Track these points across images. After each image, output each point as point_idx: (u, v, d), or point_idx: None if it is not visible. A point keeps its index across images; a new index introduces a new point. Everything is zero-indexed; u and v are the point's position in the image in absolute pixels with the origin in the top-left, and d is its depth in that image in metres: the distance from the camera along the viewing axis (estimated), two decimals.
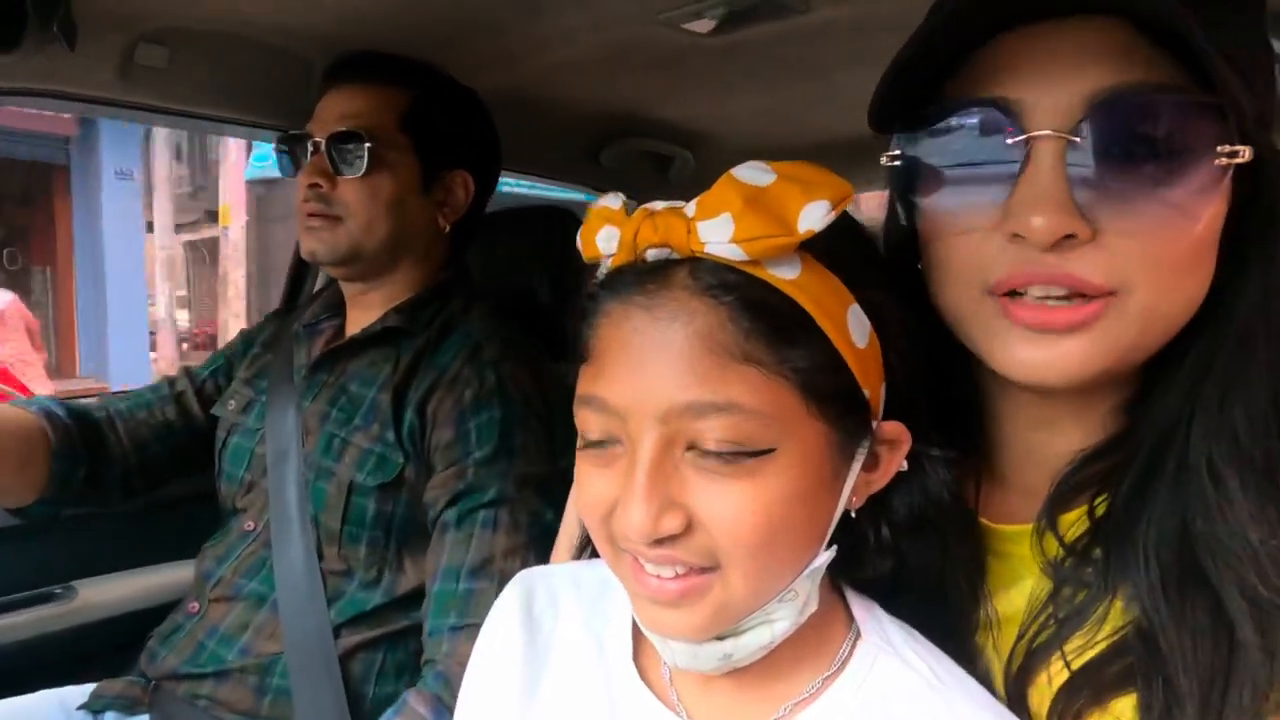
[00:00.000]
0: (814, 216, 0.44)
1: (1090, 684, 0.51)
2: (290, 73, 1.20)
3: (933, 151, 0.54)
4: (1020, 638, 0.55)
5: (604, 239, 0.49)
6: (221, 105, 1.25)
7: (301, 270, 1.60)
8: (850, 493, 0.50)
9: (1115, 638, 0.51)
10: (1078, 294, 0.49)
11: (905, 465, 0.52)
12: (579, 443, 0.50)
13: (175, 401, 1.27)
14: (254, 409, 1.20)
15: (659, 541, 0.45)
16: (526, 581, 0.62)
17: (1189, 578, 0.50)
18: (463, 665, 0.91)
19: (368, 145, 1.09)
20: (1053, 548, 0.55)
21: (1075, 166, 0.48)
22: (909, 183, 0.56)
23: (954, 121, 0.52)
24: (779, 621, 0.49)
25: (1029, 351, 0.51)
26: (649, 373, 0.45)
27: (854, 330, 0.47)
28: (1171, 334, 0.52)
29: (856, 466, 0.49)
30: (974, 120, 0.51)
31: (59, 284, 8.73)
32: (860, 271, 0.49)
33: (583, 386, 0.49)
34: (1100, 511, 0.54)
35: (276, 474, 1.11)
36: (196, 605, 1.14)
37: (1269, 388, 0.51)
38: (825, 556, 0.49)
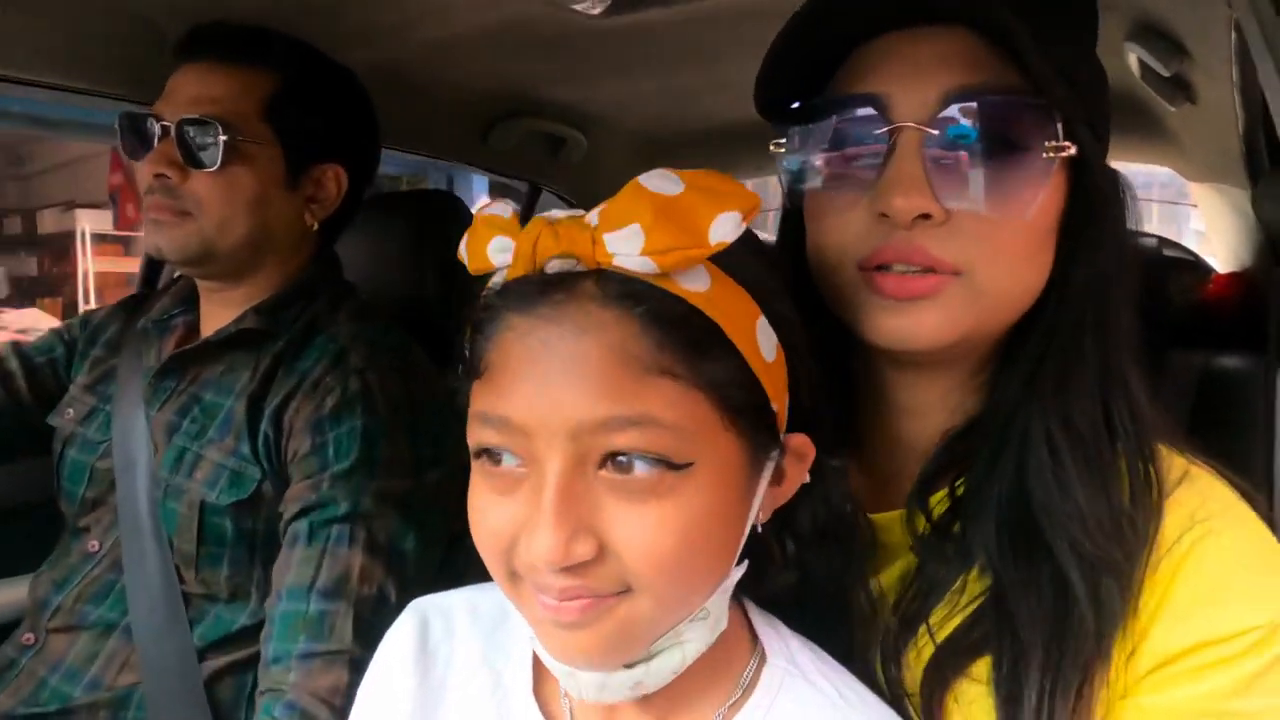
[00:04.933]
0: (725, 228, 0.43)
1: (953, 653, 0.55)
2: (135, 36, 1.06)
3: (815, 140, 0.60)
4: (893, 611, 0.58)
5: (496, 250, 0.46)
6: (53, 69, 1.08)
7: (155, 262, 1.45)
8: (758, 508, 0.49)
9: (973, 605, 0.56)
10: (930, 269, 0.55)
11: (807, 478, 0.52)
12: (474, 456, 0.46)
13: (3, 384, 1.13)
14: (96, 419, 1.07)
15: (567, 570, 0.43)
16: (421, 610, 0.59)
17: (1031, 541, 0.55)
18: (316, 697, 0.85)
19: (223, 137, 0.95)
20: (921, 527, 0.59)
21: (931, 154, 0.55)
22: (795, 168, 0.62)
23: (832, 113, 0.59)
24: (690, 643, 0.47)
25: (893, 320, 0.57)
26: (558, 388, 0.42)
27: (763, 344, 0.47)
28: (1015, 316, 0.59)
29: (765, 480, 0.49)
30: (849, 112, 0.58)
31: None
32: (765, 284, 0.48)
33: (481, 404, 0.46)
34: (960, 490, 0.59)
35: (125, 488, 0.99)
36: (32, 637, 1.01)
37: (1097, 372, 0.57)
38: (736, 573, 0.49)
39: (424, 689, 0.55)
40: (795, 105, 0.60)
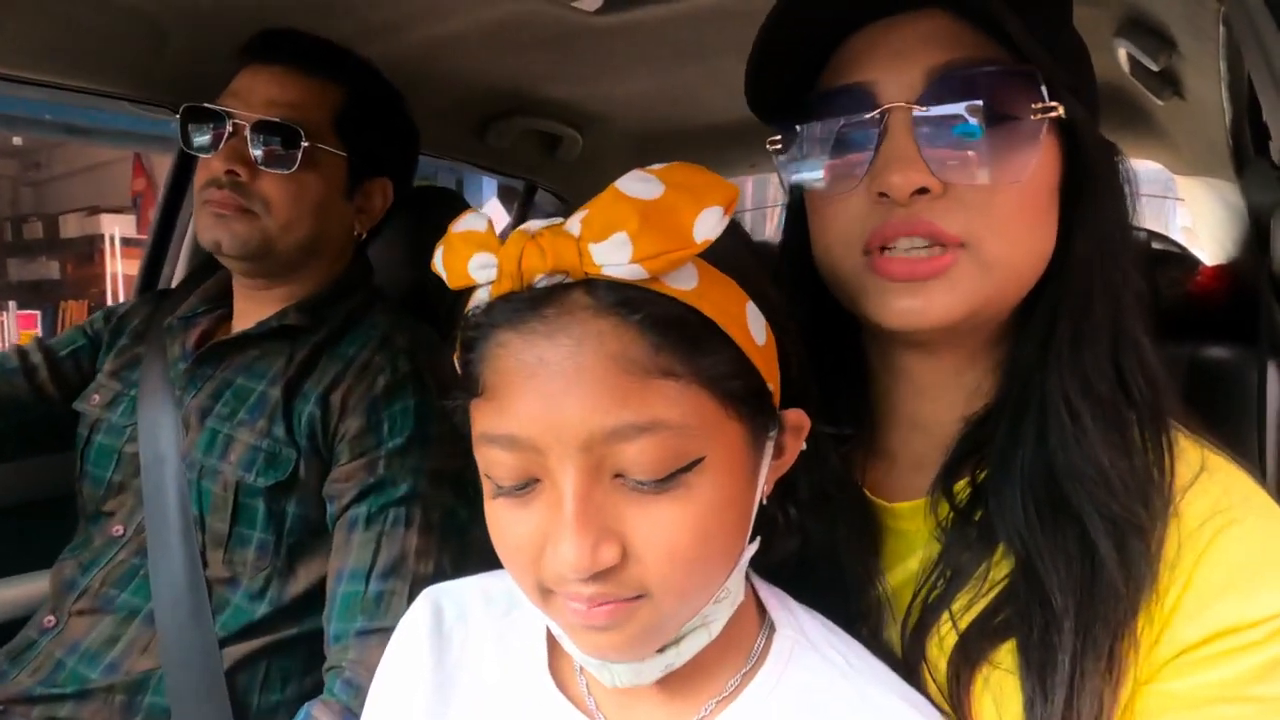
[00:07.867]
0: (709, 225, 0.43)
1: (979, 637, 0.56)
2: (137, 34, 1.09)
3: (810, 133, 0.62)
4: (914, 598, 0.59)
5: (478, 268, 0.45)
6: (56, 67, 1.11)
7: (156, 264, 1.46)
8: (763, 484, 0.51)
9: (996, 590, 0.56)
10: (936, 243, 0.56)
11: (805, 446, 0.54)
12: (487, 488, 0.47)
13: (26, 377, 1.16)
14: (121, 404, 1.10)
15: (594, 577, 0.43)
16: (434, 597, 0.61)
17: (1057, 506, 0.56)
18: (371, 671, 0.87)
19: (305, 144, 0.99)
20: (944, 514, 0.60)
21: (922, 130, 0.56)
22: (793, 162, 0.64)
23: (823, 106, 0.60)
24: (714, 622, 0.50)
25: (903, 302, 0.57)
26: (564, 401, 0.42)
27: (753, 328, 0.48)
28: (1023, 289, 0.59)
29: (768, 458, 0.50)
30: (839, 103, 0.59)
31: None
32: (748, 269, 0.49)
33: (485, 425, 0.46)
34: (981, 477, 0.60)
35: (153, 477, 1.02)
36: (54, 619, 1.04)
37: (1109, 332, 0.58)
38: (750, 549, 0.51)
39: (439, 671, 0.57)
40: (785, 102, 0.62)
